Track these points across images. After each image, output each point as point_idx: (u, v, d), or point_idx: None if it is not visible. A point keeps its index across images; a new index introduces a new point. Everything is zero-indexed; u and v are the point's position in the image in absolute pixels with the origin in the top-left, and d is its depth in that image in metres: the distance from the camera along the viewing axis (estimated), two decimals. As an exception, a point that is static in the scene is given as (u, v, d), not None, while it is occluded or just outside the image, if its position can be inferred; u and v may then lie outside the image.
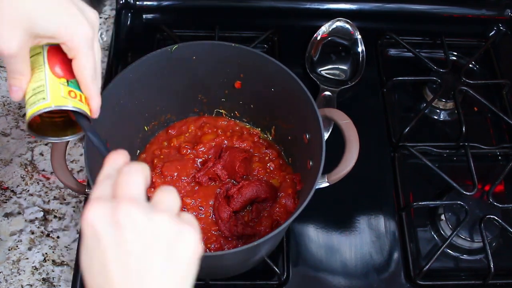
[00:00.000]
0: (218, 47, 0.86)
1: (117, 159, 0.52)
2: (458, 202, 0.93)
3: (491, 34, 1.19)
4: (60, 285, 0.89)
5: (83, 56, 0.60)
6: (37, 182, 0.98)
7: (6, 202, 0.96)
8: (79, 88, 0.63)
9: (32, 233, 0.93)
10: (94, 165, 0.76)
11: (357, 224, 0.94)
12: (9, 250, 0.91)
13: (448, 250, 0.93)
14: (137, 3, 1.17)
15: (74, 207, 0.96)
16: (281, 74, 0.83)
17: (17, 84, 0.61)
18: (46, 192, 0.97)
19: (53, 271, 0.90)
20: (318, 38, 1.12)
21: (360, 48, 1.11)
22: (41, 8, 0.57)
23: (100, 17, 1.19)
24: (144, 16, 1.17)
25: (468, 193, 0.93)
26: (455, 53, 1.16)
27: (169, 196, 0.49)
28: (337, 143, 0.81)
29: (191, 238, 0.47)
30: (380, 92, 1.09)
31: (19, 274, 0.89)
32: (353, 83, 1.08)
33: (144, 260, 0.44)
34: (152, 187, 0.88)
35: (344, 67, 1.11)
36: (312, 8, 1.18)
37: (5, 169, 0.99)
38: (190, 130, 0.96)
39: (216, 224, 0.86)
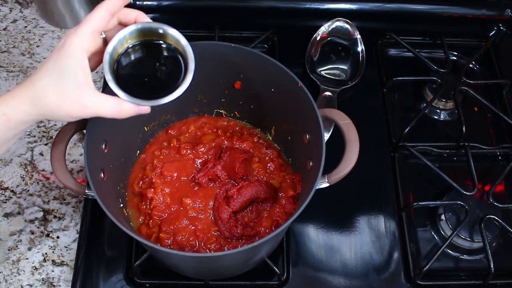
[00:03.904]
0: (218, 47, 0.86)
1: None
2: (458, 202, 0.93)
3: (491, 34, 1.19)
4: (60, 285, 0.89)
5: None
6: (37, 182, 0.98)
7: (6, 202, 0.96)
8: None
9: (32, 233, 0.93)
10: (94, 165, 0.76)
11: (357, 224, 0.94)
12: (9, 250, 0.91)
13: (448, 250, 0.93)
14: (137, 3, 1.16)
15: (74, 207, 0.96)
16: (281, 74, 0.83)
17: None
18: (46, 192, 0.97)
19: (53, 271, 0.90)
20: (318, 38, 1.12)
21: (360, 48, 1.11)
22: None
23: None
24: (144, 16, 1.17)
25: (468, 193, 0.93)
26: (455, 53, 1.16)
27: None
28: (337, 143, 0.80)
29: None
30: (380, 92, 1.09)
31: (19, 274, 0.89)
32: (353, 83, 1.08)
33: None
34: (152, 187, 0.88)
35: (344, 67, 1.11)
36: (312, 8, 1.18)
37: (5, 169, 0.99)
38: (190, 131, 0.96)
39: (216, 225, 0.86)
